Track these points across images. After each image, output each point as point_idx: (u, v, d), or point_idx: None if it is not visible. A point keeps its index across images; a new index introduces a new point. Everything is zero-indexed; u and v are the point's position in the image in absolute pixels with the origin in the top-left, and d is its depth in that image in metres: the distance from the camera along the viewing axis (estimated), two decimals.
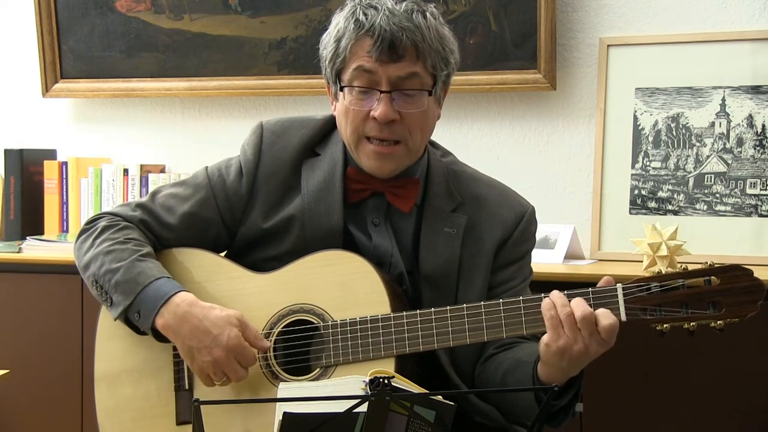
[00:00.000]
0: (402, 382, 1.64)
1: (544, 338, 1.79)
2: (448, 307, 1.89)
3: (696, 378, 2.62)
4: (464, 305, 1.89)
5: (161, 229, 2.09)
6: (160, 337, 1.97)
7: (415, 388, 1.66)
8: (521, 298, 1.87)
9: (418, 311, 1.90)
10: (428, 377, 1.96)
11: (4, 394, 3.17)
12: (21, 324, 3.18)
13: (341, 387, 1.62)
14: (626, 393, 2.67)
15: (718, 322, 1.78)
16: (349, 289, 1.94)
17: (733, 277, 1.79)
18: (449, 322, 1.89)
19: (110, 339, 2.07)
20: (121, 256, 1.99)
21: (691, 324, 1.79)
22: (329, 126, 2.10)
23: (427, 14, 1.96)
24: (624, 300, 1.80)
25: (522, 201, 2.12)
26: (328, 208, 2.02)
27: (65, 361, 3.12)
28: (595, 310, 1.78)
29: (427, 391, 1.65)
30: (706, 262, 1.81)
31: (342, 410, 1.54)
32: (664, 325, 1.79)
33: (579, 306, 1.77)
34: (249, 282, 2.01)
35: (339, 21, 1.98)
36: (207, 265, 2.05)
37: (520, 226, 2.07)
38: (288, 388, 1.69)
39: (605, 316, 1.76)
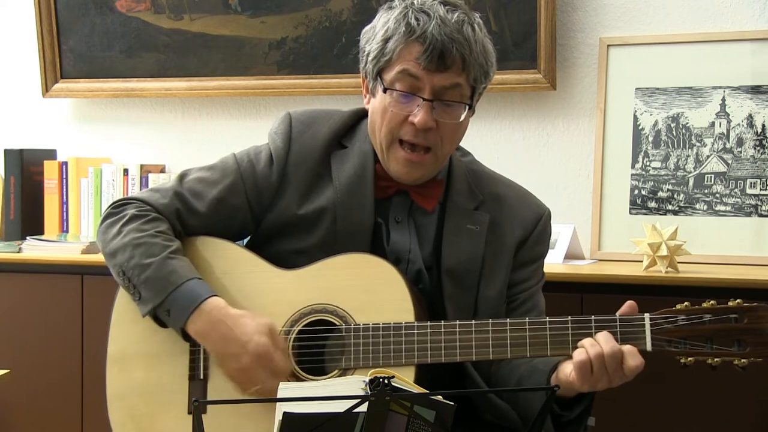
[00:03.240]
0: (402, 382, 1.63)
1: (571, 377, 1.81)
2: (473, 321, 1.90)
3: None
4: (489, 320, 1.90)
5: (190, 216, 2.07)
6: (187, 337, 1.96)
7: (415, 388, 1.66)
8: (547, 318, 1.88)
9: (442, 322, 1.90)
10: (448, 373, 1.98)
11: (4, 394, 3.17)
12: (21, 324, 3.18)
13: (341, 387, 1.62)
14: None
15: (742, 360, 1.80)
16: (374, 293, 1.93)
17: (759, 316, 1.80)
18: (473, 336, 1.89)
19: (126, 322, 2.04)
20: (151, 251, 1.97)
21: (715, 360, 1.80)
22: (355, 120, 2.12)
23: (475, 26, 1.99)
24: (651, 331, 1.82)
25: (539, 202, 2.16)
26: (361, 203, 2.04)
27: (65, 361, 3.12)
28: (621, 341, 1.80)
29: (427, 391, 1.65)
30: (735, 299, 1.82)
31: (342, 410, 1.54)
32: (688, 359, 1.81)
33: (607, 343, 1.79)
34: (273, 277, 2.01)
35: (388, 20, 1.99)
36: (232, 257, 2.04)
37: (538, 227, 2.11)
38: (288, 388, 1.69)
39: (632, 357, 1.79)
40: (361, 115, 2.11)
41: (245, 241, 2.16)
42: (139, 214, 2.04)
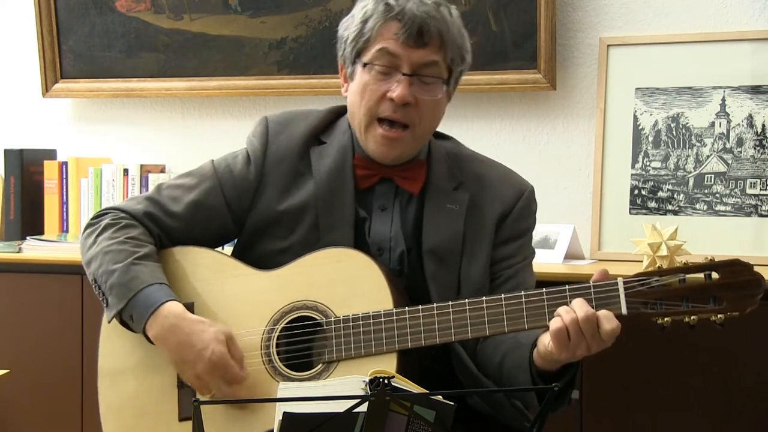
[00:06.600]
0: (402, 382, 1.64)
1: (549, 347, 1.81)
2: (450, 303, 1.91)
3: (695, 369, 2.62)
4: (466, 300, 1.91)
5: (167, 218, 2.10)
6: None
7: (415, 388, 1.66)
8: (523, 292, 1.89)
9: (420, 306, 1.92)
10: (433, 353, 1.98)
11: (4, 394, 3.17)
12: (21, 324, 3.18)
13: (341, 387, 1.62)
14: (626, 382, 2.67)
15: (719, 316, 1.79)
16: (352, 285, 1.95)
17: (733, 271, 1.80)
18: (451, 317, 1.90)
19: (114, 335, 2.07)
20: (118, 257, 2.00)
21: (692, 317, 1.79)
22: (333, 116, 2.14)
23: (452, 10, 2.03)
24: (625, 294, 1.82)
25: (522, 180, 2.16)
26: (342, 198, 2.05)
27: (65, 361, 3.12)
28: (596, 307, 1.80)
29: (427, 391, 1.65)
30: (707, 257, 1.82)
31: (342, 410, 1.54)
32: (665, 319, 1.80)
33: (581, 308, 1.79)
34: (253, 280, 2.02)
35: (367, 4, 2.02)
36: (211, 264, 2.06)
37: (519, 203, 2.11)
38: (288, 388, 1.69)
39: (608, 320, 1.79)
40: (339, 111, 2.14)
41: (233, 244, 2.17)
42: (113, 223, 2.08)
